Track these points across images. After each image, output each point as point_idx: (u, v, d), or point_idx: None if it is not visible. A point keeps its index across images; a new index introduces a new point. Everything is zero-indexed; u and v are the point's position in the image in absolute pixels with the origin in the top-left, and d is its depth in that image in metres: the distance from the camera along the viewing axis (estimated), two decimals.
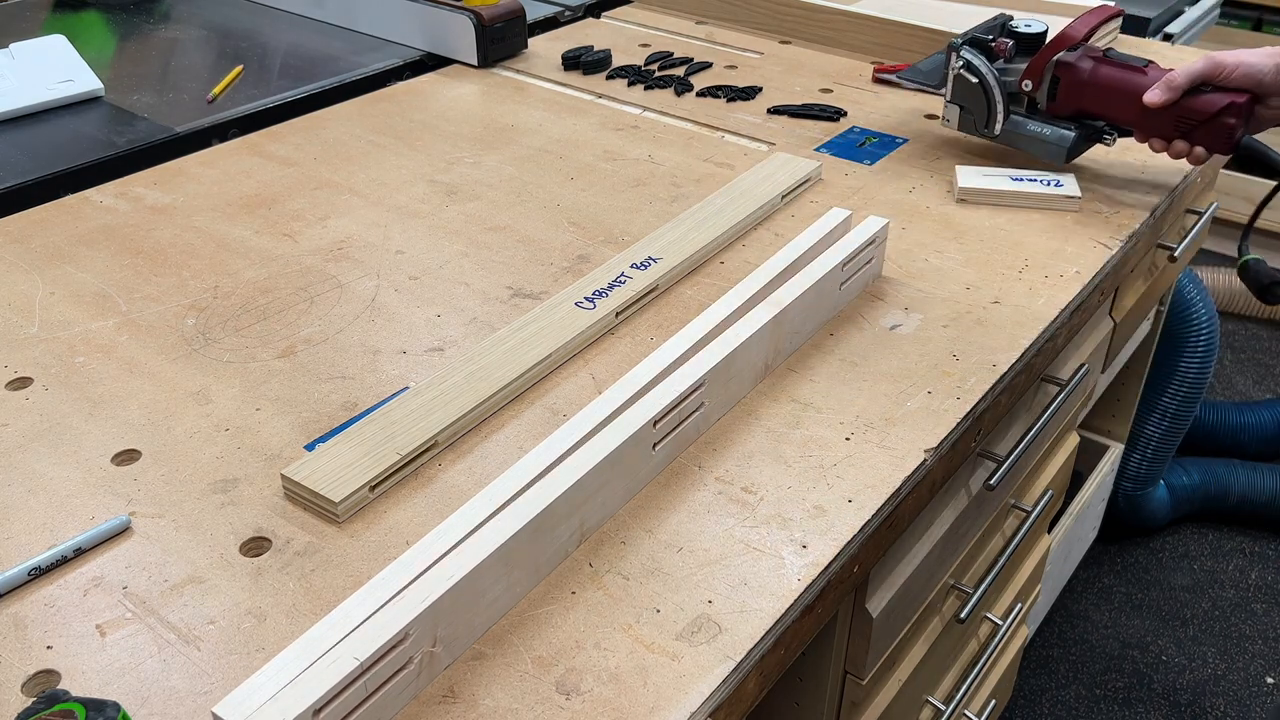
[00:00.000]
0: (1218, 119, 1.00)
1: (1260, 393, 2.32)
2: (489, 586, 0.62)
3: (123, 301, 0.93)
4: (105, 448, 0.77)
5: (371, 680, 0.56)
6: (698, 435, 0.77)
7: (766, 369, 0.83)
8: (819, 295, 0.86)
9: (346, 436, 0.75)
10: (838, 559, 0.68)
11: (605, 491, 0.69)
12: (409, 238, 1.02)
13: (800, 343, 0.86)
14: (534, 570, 0.65)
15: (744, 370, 0.80)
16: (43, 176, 1.10)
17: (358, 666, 0.54)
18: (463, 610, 0.60)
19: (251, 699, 0.53)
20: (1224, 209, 2.40)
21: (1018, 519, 1.15)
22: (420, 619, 0.57)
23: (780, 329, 0.82)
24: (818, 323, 0.88)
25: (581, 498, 0.67)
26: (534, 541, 0.64)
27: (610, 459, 0.68)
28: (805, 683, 0.91)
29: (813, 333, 0.88)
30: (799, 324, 0.85)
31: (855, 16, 1.44)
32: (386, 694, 0.57)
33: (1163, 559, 1.93)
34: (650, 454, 0.72)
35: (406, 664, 0.58)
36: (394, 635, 0.56)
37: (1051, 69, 1.07)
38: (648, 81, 1.35)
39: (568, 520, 0.66)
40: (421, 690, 0.60)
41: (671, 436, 0.74)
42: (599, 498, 0.69)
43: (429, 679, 0.60)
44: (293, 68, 1.39)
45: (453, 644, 0.61)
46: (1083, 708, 1.67)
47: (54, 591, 0.65)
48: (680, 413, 0.74)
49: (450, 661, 0.61)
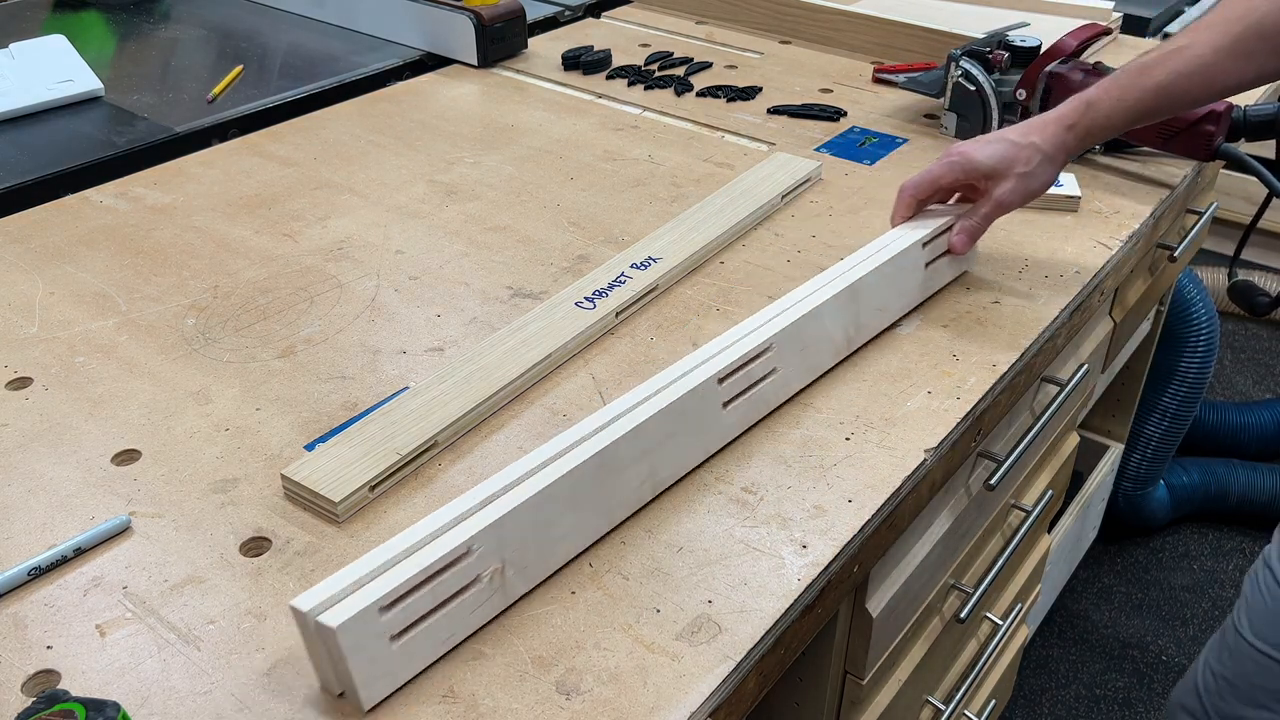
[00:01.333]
0: (1197, 126, 1.04)
1: (1260, 393, 2.32)
2: (555, 519, 0.64)
3: (123, 301, 0.93)
4: (105, 448, 0.77)
5: (440, 589, 0.59)
6: (776, 402, 0.79)
7: (848, 343, 0.85)
8: (898, 272, 0.88)
9: (346, 436, 0.75)
10: (838, 559, 0.68)
11: (673, 443, 0.71)
12: (409, 238, 1.02)
13: (886, 321, 0.88)
14: (605, 513, 0.68)
15: (820, 341, 0.81)
16: (43, 176, 1.10)
17: (421, 571, 0.58)
18: (529, 536, 0.63)
19: (324, 594, 0.56)
20: (1224, 209, 2.40)
21: (1018, 519, 1.15)
22: (483, 534, 0.60)
23: (858, 302, 0.84)
24: (904, 303, 0.90)
25: (646, 443, 0.69)
26: (600, 482, 0.66)
27: (674, 409, 0.70)
28: (805, 683, 0.91)
29: (900, 312, 0.89)
30: (881, 301, 0.87)
31: (855, 16, 1.44)
32: (457, 607, 0.60)
33: (1163, 559, 1.93)
34: (721, 413, 0.74)
35: (475, 581, 0.60)
36: (457, 547, 0.59)
37: (1044, 80, 1.12)
38: (648, 81, 1.35)
39: (635, 466, 0.69)
40: (497, 611, 0.63)
41: (744, 399, 0.76)
42: (668, 448, 0.71)
43: (503, 601, 0.63)
44: (293, 68, 1.39)
45: (525, 570, 0.63)
46: (1083, 708, 1.67)
47: (54, 591, 0.65)
48: (749, 375, 0.76)
49: (526, 590, 0.64)
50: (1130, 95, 0.87)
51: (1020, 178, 0.89)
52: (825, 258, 0.98)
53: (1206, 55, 0.84)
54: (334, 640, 0.55)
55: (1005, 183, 0.89)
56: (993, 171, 0.89)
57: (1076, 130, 0.89)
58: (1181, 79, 0.85)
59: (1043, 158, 0.89)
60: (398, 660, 0.58)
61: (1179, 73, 0.85)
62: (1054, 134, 0.89)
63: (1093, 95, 0.89)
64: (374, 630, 0.56)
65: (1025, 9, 1.45)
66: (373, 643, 0.56)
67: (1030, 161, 0.88)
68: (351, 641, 0.55)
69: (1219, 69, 0.84)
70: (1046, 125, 0.89)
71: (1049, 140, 0.89)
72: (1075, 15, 1.42)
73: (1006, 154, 0.89)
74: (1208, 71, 0.84)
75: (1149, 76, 0.86)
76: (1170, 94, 0.86)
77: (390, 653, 0.57)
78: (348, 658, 0.55)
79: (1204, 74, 0.84)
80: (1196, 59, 0.84)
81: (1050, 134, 0.89)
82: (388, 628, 0.57)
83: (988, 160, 0.89)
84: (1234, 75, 0.84)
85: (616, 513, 0.69)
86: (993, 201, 0.90)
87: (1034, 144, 0.89)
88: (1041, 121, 0.90)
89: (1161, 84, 0.85)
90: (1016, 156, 0.88)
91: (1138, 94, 0.87)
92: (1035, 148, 0.89)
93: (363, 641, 0.56)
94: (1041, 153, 0.89)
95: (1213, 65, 0.84)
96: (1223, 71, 0.84)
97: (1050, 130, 0.89)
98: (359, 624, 0.55)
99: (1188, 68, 0.84)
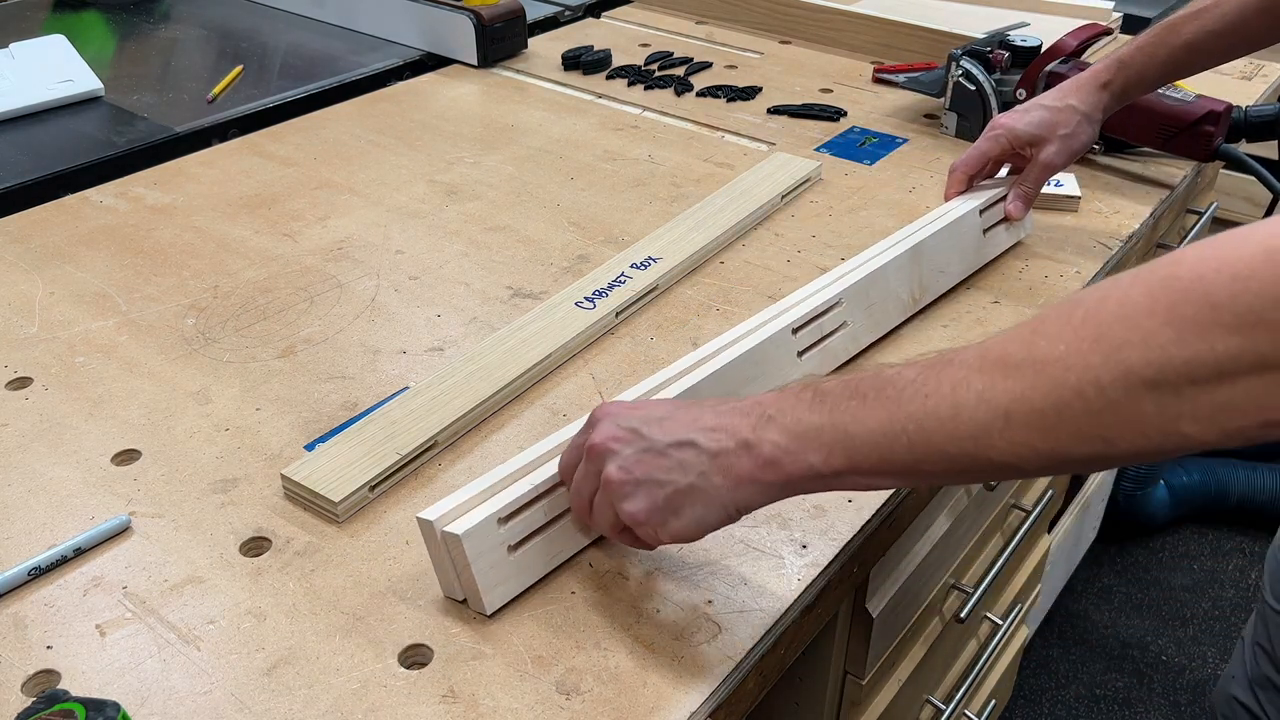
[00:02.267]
0: (1197, 126, 1.04)
1: None
2: None
3: (123, 301, 0.93)
4: (105, 448, 0.76)
5: (551, 506, 0.64)
6: (845, 356, 0.83)
7: (914, 302, 0.89)
8: (957, 237, 0.92)
9: (346, 436, 0.75)
10: (838, 559, 0.68)
11: (750, 389, 0.74)
12: (409, 238, 1.02)
13: (948, 284, 0.92)
14: None
15: (886, 299, 0.86)
16: (43, 176, 1.10)
17: (534, 489, 0.63)
18: None
19: (448, 507, 0.62)
20: (1224, 209, 2.39)
21: (1018, 519, 1.15)
22: None
23: (919, 264, 0.88)
24: (963, 267, 0.94)
25: (727, 387, 0.73)
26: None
27: (750, 356, 0.75)
28: (805, 683, 0.91)
29: (960, 276, 0.93)
30: (942, 263, 0.91)
31: (855, 16, 1.44)
32: (566, 525, 0.65)
33: (1163, 559, 1.93)
34: (797, 362, 0.78)
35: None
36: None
37: (1044, 79, 1.12)
38: (648, 81, 1.35)
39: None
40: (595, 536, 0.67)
41: (818, 350, 0.80)
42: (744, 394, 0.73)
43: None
44: (293, 68, 1.39)
45: None
46: (1083, 708, 1.67)
47: (54, 591, 0.65)
48: (821, 327, 0.81)
49: None
50: (1161, 52, 0.90)
51: (1063, 139, 0.93)
52: (825, 258, 0.98)
53: (1232, 12, 0.87)
54: (459, 548, 0.60)
55: (1049, 146, 0.93)
56: (1035, 138, 0.93)
57: (1112, 88, 0.93)
58: (1210, 36, 0.88)
59: (1081, 117, 0.93)
60: (514, 570, 0.63)
61: (1208, 30, 0.88)
62: (1090, 93, 0.93)
63: (1124, 54, 0.93)
64: (494, 540, 0.61)
65: (1025, 9, 1.45)
66: (492, 551, 0.62)
67: (1070, 123, 0.92)
68: (475, 549, 0.60)
69: (1246, 25, 0.87)
70: (1082, 86, 0.93)
71: (1085, 100, 0.93)
72: (1075, 15, 1.42)
73: (1046, 119, 0.93)
74: (1235, 29, 0.87)
75: (1178, 34, 0.89)
76: (1200, 50, 0.89)
77: (508, 562, 0.62)
78: (471, 564, 0.60)
79: (1232, 31, 0.87)
80: (1224, 16, 0.87)
81: (1086, 94, 0.93)
82: (505, 538, 0.62)
83: (1029, 128, 0.93)
84: (1261, 32, 0.87)
85: None
86: (1040, 165, 0.94)
87: (1071, 105, 0.93)
88: (1076, 83, 0.94)
89: (1191, 41, 0.88)
90: (1056, 120, 0.92)
91: (1168, 51, 0.90)
92: (1073, 109, 0.92)
93: (484, 550, 0.61)
94: (1079, 113, 0.93)
95: (1239, 22, 0.87)
96: (1250, 28, 0.87)
97: (1086, 90, 0.93)
98: (480, 533, 0.61)
99: (1216, 25, 0.87)
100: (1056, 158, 0.93)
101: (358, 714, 0.58)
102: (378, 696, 0.59)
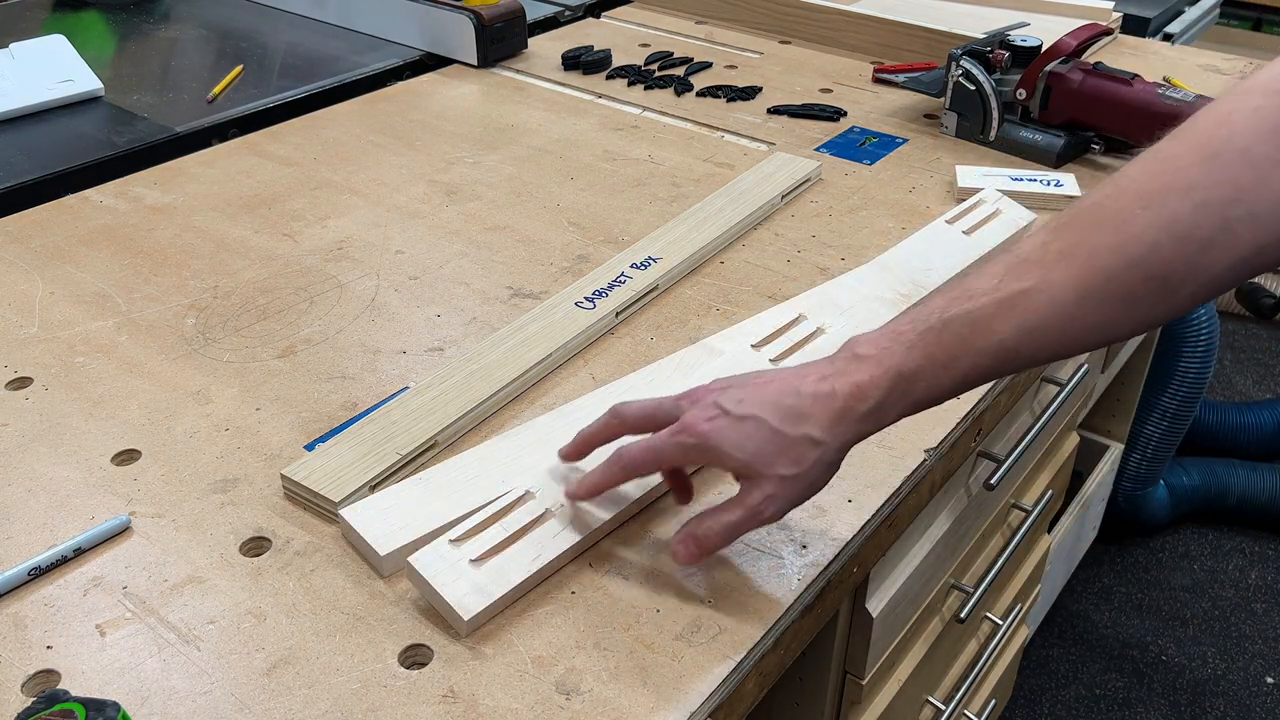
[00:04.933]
0: None
1: (1260, 393, 2.32)
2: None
3: (123, 301, 0.93)
4: (105, 448, 0.77)
5: (510, 523, 0.66)
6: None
7: (905, 298, 0.88)
8: (927, 243, 0.93)
9: (346, 436, 0.75)
10: (838, 559, 0.68)
11: None
12: (409, 238, 1.02)
13: (938, 279, 0.91)
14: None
15: (868, 300, 0.87)
16: (43, 176, 1.10)
17: (489, 518, 0.67)
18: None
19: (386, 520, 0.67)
20: None
21: (1018, 519, 1.15)
22: (539, 478, 0.69)
23: (893, 271, 0.90)
24: (951, 263, 0.93)
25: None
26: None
27: (720, 367, 0.79)
28: (805, 683, 0.91)
29: (950, 270, 0.92)
30: (923, 265, 0.91)
31: (855, 16, 1.44)
32: (535, 537, 0.66)
33: (1163, 559, 1.93)
34: (770, 369, 0.79)
35: (545, 515, 0.67)
36: (515, 489, 0.68)
37: (1044, 79, 1.13)
38: (648, 81, 1.35)
39: None
40: (580, 536, 0.67)
41: (791, 359, 0.82)
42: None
43: (584, 528, 0.67)
44: (293, 68, 1.39)
45: (602, 501, 0.68)
46: (1083, 708, 1.67)
47: (54, 591, 0.65)
48: (791, 338, 0.83)
49: (608, 517, 0.68)
50: (963, 361, 0.60)
51: (784, 481, 0.61)
52: (825, 258, 0.98)
53: (1069, 303, 0.58)
54: (415, 573, 0.64)
55: (761, 489, 0.62)
56: (743, 469, 0.62)
57: (879, 415, 0.61)
58: (1033, 336, 0.59)
59: (819, 455, 0.61)
60: (488, 578, 0.64)
61: (1030, 328, 0.58)
62: (840, 423, 0.61)
63: (906, 362, 0.60)
64: (453, 559, 0.64)
65: (1025, 9, 1.45)
66: (454, 568, 0.64)
67: (802, 459, 0.61)
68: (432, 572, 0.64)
69: (1085, 321, 0.58)
70: (834, 405, 0.61)
71: (832, 432, 0.61)
72: (1075, 15, 1.42)
73: (764, 450, 0.61)
74: (1070, 325, 0.58)
75: (987, 332, 0.59)
76: (1019, 356, 0.60)
77: (477, 572, 0.64)
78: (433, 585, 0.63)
79: (1065, 328, 0.58)
80: (1055, 306, 0.58)
81: (835, 422, 0.61)
82: (466, 554, 0.64)
83: (739, 456, 0.62)
84: (1107, 327, 0.59)
85: None
86: (749, 515, 0.62)
87: (809, 437, 0.61)
88: (829, 397, 0.61)
89: (1006, 343, 0.59)
90: (782, 452, 0.61)
91: (972, 359, 0.60)
92: (810, 441, 0.61)
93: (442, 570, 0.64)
94: (819, 447, 0.61)
95: (1077, 316, 0.58)
96: (1090, 325, 0.58)
97: (837, 416, 0.61)
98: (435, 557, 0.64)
99: (1041, 319, 0.58)
100: (768, 506, 0.62)
101: (358, 714, 0.58)
102: (378, 696, 0.59)
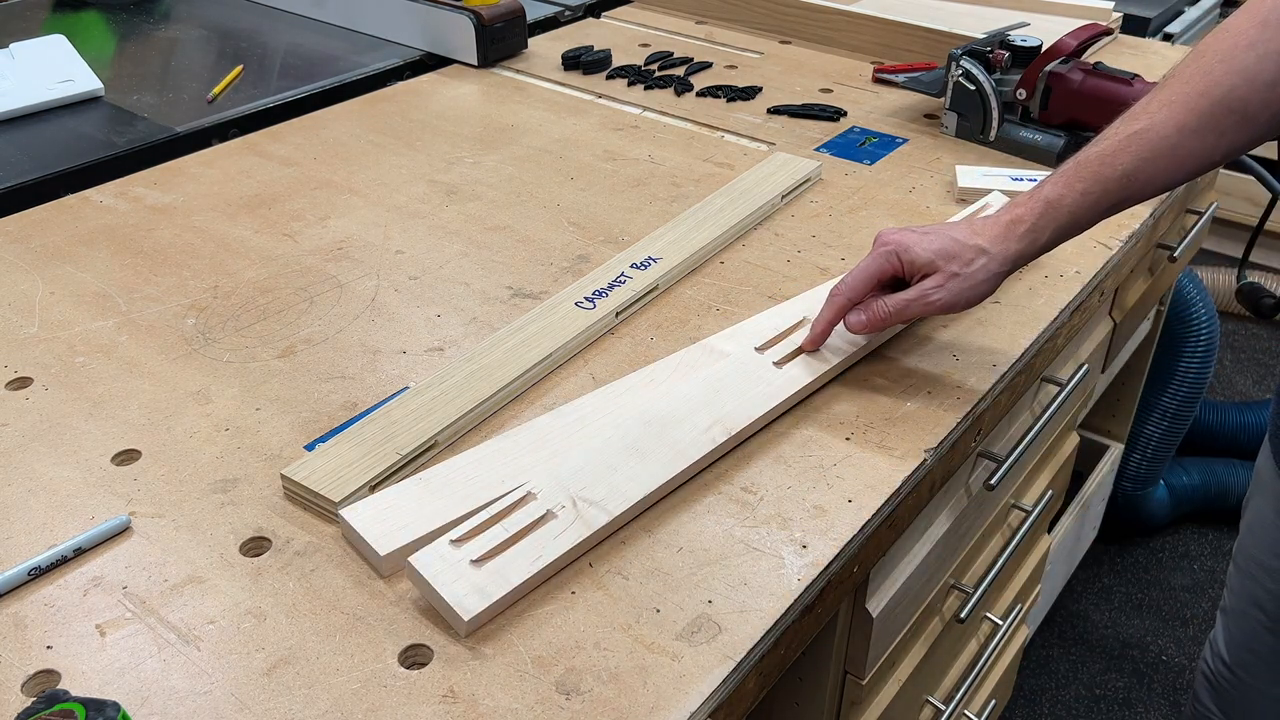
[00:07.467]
0: None
1: (1260, 393, 2.32)
2: (615, 460, 0.72)
3: (123, 301, 0.93)
4: (105, 448, 0.77)
5: (510, 524, 0.67)
6: (825, 366, 0.82)
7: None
8: None
9: (346, 436, 0.75)
10: (838, 559, 0.68)
11: (722, 399, 0.78)
12: (409, 238, 1.02)
13: None
14: (672, 457, 0.73)
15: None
16: (43, 176, 1.10)
17: (492, 518, 0.67)
18: (591, 474, 0.71)
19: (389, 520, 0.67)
20: (1224, 209, 2.40)
21: (1018, 519, 1.15)
22: (542, 478, 0.70)
23: None
24: None
25: (694, 404, 0.77)
26: (651, 426, 0.75)
27: (723, 369, 0.80)
28: (805, 683, 0.91)
29: None
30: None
31: (855, 16, 1.44)
32: (536, 538, 0.67)
33: (1163, 559, 1.93)
34: (775, 371, 0.81)
35: (546, 516, 0.68)
36: (513, 487, 0.70)
37: (1044, 79, 1.13)
38: (648, 81, 1.35)
39: (691, 418, 0.76)
40: (583, 537, 0.67)
41: (793, 363, 0.82)
42: (721, 399, 0.78)
43: (585, 529, 0.67)
44: (293, 68, 1.39)
45: (604, 502, 0.69)
46: (1083, 708, 1.67)
47: (54, 591, 0.65)
48: (793, 342, 0.83)
49: (612, 524, 0.68)
50: (1095, 188, 0.76)
51: (953, 277, 0.78)
52: (825, 258, 0.98)
53: (1171, 135, 0.74)
54: (415, 573, 0.64)
55: (934, 279, 0.78)
56: (929, 265, 0.79)
57: (1035, 235, 0.78)
58: (1147, 164, 0.75)
59: (985, 262, 0.78)
60: (488, 578, 0.64)
61: (1144, 157, 0.75)
62: (1008, 240, 0.78)
63: (1052, 192, 0.77)
64: (454, 559, 0.65)
65: (1025, 9, 1.45)
66: (454, 568, 0.64)
67: (971, 263, 0.77)
68: (433, 573, 0.64)
69: (1186, 149, 0.75)
70: (1000, 227, 0.78)
71: (998, 244, 0.78)
72: (1075, 15, 1.42)
73: (945, 249, 0.78)
74: (1175, 153, 0.75)
75: (1112, 165, 0.75)
76: (1137, 181, 0.76)
77: (478, 573, 0.64)
78: (434, 586, 0.63)
79: (1171, 156, 0.75)
80: (1162, 140, 0.75)
81: (1000, 239, 0.78)
82: (467, 555, 0.65)
83: (924, 253, 0.78)
84: (1203, 154, 0.75)
85: (685, 453, 0.73)
86: (918, 295, 0.79)
87: (978, 246, 0.78)
88: (994, 222, 0.79)
89: (1128, 171, 0.75)
90: (956, 254, 0.78)
91: (1103, 186, 0.76)
92: (979, 250, 0.78)
93: (443, 571, 0.64)
94: (985, 255, 0.78)
95: (1179, 146, 0.75)
96: (1190, 152, 0.75)
97: (1001, 234, 0.78)
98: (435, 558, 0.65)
99: (1153, 151, 0.75)
100: (939, 295, 0.78)
101: (358, 714, 0.58)
102: (378, 696, 0.59)
